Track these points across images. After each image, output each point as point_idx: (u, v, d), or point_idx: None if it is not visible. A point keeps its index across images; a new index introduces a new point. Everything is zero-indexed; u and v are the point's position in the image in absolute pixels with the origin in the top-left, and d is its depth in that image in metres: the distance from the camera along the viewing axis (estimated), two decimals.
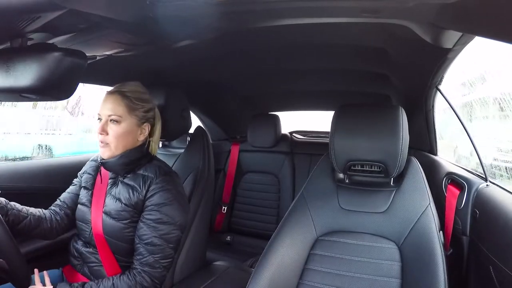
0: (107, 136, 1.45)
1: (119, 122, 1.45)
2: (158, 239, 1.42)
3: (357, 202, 1.52)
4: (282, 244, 1.46)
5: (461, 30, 1.14)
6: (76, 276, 1.54)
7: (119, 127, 1.46)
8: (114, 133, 1.45)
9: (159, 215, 1.43)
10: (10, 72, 1.01)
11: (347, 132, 1.51)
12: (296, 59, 2.01)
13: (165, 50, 1.64)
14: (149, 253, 1.41)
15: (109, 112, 1.45)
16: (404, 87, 2.10)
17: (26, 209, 1.48)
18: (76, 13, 0.99)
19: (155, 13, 1.13)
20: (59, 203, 1.61)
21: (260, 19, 1.31)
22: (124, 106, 1.46)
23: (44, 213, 1.55)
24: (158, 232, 1.42)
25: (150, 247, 1.41)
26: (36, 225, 1.49)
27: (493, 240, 1.34)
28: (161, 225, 1.43)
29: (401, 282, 1.33)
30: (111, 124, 1.45)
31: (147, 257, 1.41)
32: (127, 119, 1.47)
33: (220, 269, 1.87)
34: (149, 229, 1.42)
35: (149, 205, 1.45)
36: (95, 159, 1.67)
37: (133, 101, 1.48)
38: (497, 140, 2.28)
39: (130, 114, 1.47)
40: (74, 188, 1.65)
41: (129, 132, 1.48)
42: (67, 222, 1.59)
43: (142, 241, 1.42)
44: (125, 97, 1.47)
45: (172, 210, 1.46)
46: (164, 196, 1.45)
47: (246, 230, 2.97)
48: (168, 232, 1.44)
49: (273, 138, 2.91)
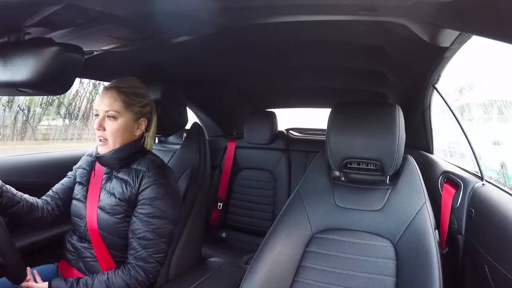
0: (105, 132, 1.46)
1: (116, 118, 1.46)
2: (150, 234, 1.43)
3: (352, 200, 1.52)
4: (277, 241, 1.46)
5: (458, 29, 1.14)
6: (71, 271, 1.53)
7: (116, 123, 1.46)
8: (111, 129, 1.46)
9: (151, 209, 1.44)
10: (7, 67, 1.01)
11: (343, 130, 1.51)
12: (293, 56, 2.01)
13: (163, 46, 1.64)
14: (142, 247, 1.42)
15: (106, 107, 1.46)
16: (401, 85, 2.10)
17: (21, 194, 1.48)
18: (74, 8, 0.99)
19: (152, 8, 1.13)
20: (51, 194, 1.61)
21: (257, 16, 1.31)
22: (121, 101, 1.47)
23: (37, 201, 1.54)
24: (151, 227, 1.43)
25: (143, 241, 1.42)
26: (28, 211, 1.48)
27: (488, 239, 1.35)
28: (153, 219, 1.44)
29: (396, 280, 1.33)
30: (108, 120, 1.46)
31: (140, 252, 1.42)
32: (124, 115, 1.48)
33: (216, 265, 1.87)
34: (141, 224, 1.43)
35: (141, 199, 1.46)
36: (90, 154, 1.67)
37: (130, 96, 1.49)
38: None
39: (127, 109, 1.48)
40: (68, 180, 1.65)
41: (126, 127, 1.49)
42: (57, 213, 1.59)
43: (135, 235, 1.43)
44: (122, 93, 1.48)
45: (164, 204, 1.47)
46: (156, 190, 1.46)
47: (242, 227, 2.98)
48: (160, 226, 1.45)
49: (270, 135, 2.91)
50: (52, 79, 1.03)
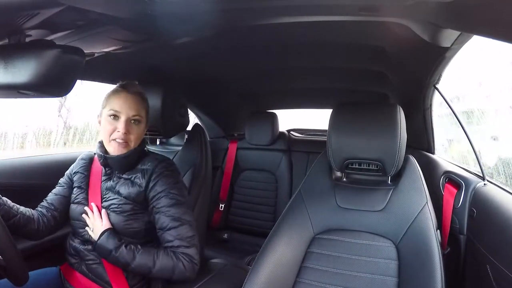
0: (130, 135, 1.50)
1: (140, 122, 1.52)
2: (176, 222, 1.45)
3: (354, 200, 1.52)
4: (279, 242, 1.46)
5: (459, 29, 1.14)
6: (74, 274, 1.53)
7: (140, 128, 1.53)
8: (136, 133, 1.52)
9: (168, 199, 1.47)
10: (8, 69, 1.01)
11: (344, 130, 1.51)
12: (294, 57, 2.01)
13: (163, 47, 1.64)
14: (174, 237, 1.44)
15: (133, 112, 1.49)
16: (402, 85, 2.10)
17: (17, 207, 1.47)
18: (75, 10, 0.99)
19: (153, 10, 1.13)
20: (46, 205, 1.59)
21: (258, 17, 1.31)
22: (145, 108, 1.55)
23: (33, 213, 1.53)
24: (175, 216, 1.46)
25: (173, 231, 1.44)
26: (24, 224, 1.47)
27: (490, 238, 1.35)
28: (173, 208, 1.46)
29: (398, 280, 1.33)
30: (132, 124, 1.50)
31: (174, 241, 1.44)
32: (144, 120, 1.55)
33: (218, 267, 1.86)
34: (165, 216, 1.46)
35: (155, 194, 1.48)
36: (84, 158, 1.67)
37: (147, 102, 1.58)
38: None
39: (146, 115, 1.56)
40: (62, 189, 1.63)
41: (143, 131, 1.56)
42: (53, 224, 1.57)
43: (164, 229, 1.45)
44: (144, 99, 1.56)
45: (178, 191, 1.51)
46: (167, 181, 1.50)
47: (243, 228, 2.97)
48: (182, 212, 1.48)
49: (271, 136, 2.91)
50: (53, 81, 1.03)
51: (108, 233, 1.42)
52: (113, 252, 1.39)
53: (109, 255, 1.40)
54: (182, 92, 1.94)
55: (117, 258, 1.39)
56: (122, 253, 1.39)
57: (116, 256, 1.39)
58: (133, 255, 1.39)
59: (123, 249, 1.39)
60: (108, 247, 1.40)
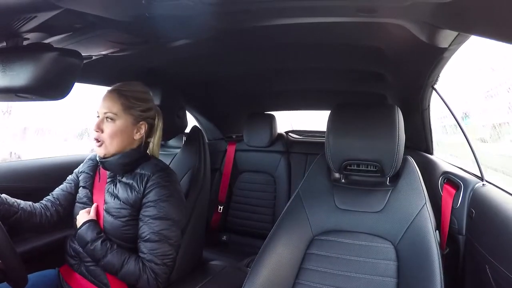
0: (102, 134, 1.47)
1: (114, 120, 1.47)
2: (155, 235, 1.42)
3: (353, 201, 1.52)
4: (278, 244, 1.46)
5: (457, 29, 1.14)
6: (73, 276, 1.53)
7: (114, 125, 1.47)
8: (109, 130, 1.47)
9: (155, 210, 1.44)
10: (5, 72, 1.01)
11: (343, 132, 1.51)
12: (292, 59, 2.01)
13: (161, 50, 1.64)
14: (148, 250, 1.41)
15: (104, 109, 1.47)
16: (400, 86, 2.10)
17: (17, 203, 1.48)
18: (72, 13, 0.99)
19: (151, 13, 1.13)
20: (51, 199, 1.61)
21: (255, 19, 1.31)
22: (120, 104, 1.48)
23: (35, 207, 1.54)
24: (155, 228, 1.43)
25: (149, 243, 1.42)
26: (26, 219, 1.49)
27: (489, 239, 1.35)
28: (157, 220, 1.43)
29: (397, 281, 1.33)
30: (106, 122, 1.47)
31: (146, 254, 1.41)
32: (122, 117, 1.48)
33: (217, 269, 1.86)
34: (146, 226, 1.43)
35: (146, 202, 1.46)
36: (92, 158, 1.67)
37: (130, 99, 1.50)
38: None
39: (125, 112, 1.49)
40: (69, 186, 1.64)
41: (123, 130, 1.49)
42: (56, 219, 1.59)
43: (142, 239, 1.43)
44: (122, 96, 1.49)
45: (169, 206, 1.47)
46: (161, 192, 1.46)
47: (242, 230, 2.96)
48: (165, 227, 1.44)
49: (269, 137, 2.89)
50: (51, 84, 1.03)
51: (88, 224, 1.43)
52: (89, 244, 1.40)
53: (85, 247, 1.42)
54: (180, 94, 1.94)
55: (92, 251, 1.40)
56: (96, 248, 1.40)
57: (91, 249, 1.40)
58: (105, 253, 1.39)
59: (98, 243, 1.40)
60: (86, 238, 1.41)
